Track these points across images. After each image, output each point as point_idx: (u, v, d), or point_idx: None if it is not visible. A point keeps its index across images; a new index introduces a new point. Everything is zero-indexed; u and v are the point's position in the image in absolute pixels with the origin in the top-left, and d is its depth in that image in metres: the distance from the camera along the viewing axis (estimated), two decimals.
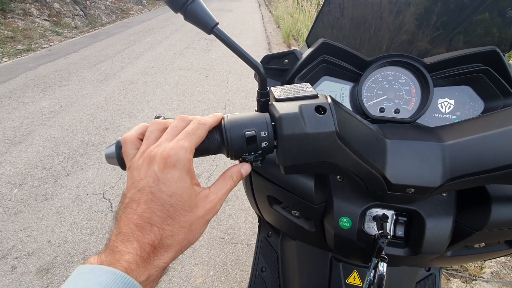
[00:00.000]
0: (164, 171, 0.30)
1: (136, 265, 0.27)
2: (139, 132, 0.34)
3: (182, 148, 0.30)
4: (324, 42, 0.52)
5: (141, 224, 0.29)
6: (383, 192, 0.38)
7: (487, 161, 0.33)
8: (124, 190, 0.32)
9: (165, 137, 0.32)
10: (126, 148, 0.34)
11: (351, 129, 0.34)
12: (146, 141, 0.33)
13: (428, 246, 0.43)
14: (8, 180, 2.16)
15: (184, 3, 0.33)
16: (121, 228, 0.29)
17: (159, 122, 0.34)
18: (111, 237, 0.29)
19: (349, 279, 0.56)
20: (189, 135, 0.31)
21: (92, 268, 0.26)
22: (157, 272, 0.29)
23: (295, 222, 0.54)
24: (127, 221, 0.29)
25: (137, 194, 0.30)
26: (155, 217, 0.29)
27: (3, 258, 1.60)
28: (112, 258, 0.27)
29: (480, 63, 0.48)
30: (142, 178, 0.30)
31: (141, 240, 0.28)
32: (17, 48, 5.35)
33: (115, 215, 0.31)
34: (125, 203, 0.30)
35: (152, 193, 0.29)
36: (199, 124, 0.32)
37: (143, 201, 0.29)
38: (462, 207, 0.43)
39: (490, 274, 1.48)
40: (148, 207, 0.29)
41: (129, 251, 0.27)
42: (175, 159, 0.30)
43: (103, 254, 0.28)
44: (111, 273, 0.25)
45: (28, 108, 3.22)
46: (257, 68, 0.36)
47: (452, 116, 0.52)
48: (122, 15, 9.18)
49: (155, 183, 0.29)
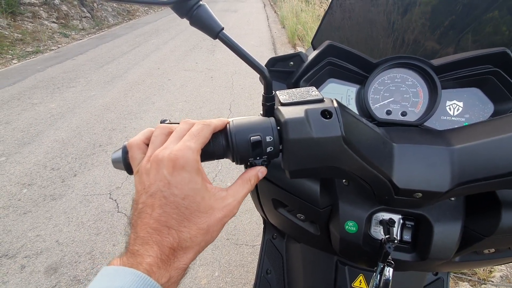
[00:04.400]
0: (173, 174, 0.29)
1: (157, 267, 0.27)
2: (145, 137, 0.35)
3: (189, 149, 0.30)
4: (330, 44, 0.51)
5: (158, 228, 0.29)
6: (390, 196, 0.38)
7: (497, 166, 0.32)
8: (134, 195, 0.32)
9: (171, 140, 0.32)
10: (132, 152, 0.34)
11: (358, 133, 0.33)
12: (152, 145, 0.33)
13: (435, 251, 0.42)
14: (18, 180, 2.20)
15: (190, 8, 0.32)
16: (139, 233, 0.29)
17: (164, 127, 0.35)
18: (129, 241, 0.29)
19: (355, 283, 0.55)
20: (194, 136, 0.32)
21: (116, 269, 0.27)
22: (177, 273, 0.29)
23: (300, 225, 0.54)
24: (143, 226, 0.29)
25: (149, 199, 0.30)
26: (171, 220, 0.29)
27: (12, 257, 1.63)
28: (134, 261, 0.27)
29: (489, 64, 0.47)
30: (152, 183, 0.30)
31: (160, 243, 0.28)
32: (26, 50, 5.44)
33: (128, 221, 0.31)
34: (138, 209, 0.30)
35: (165, 197, 0.29)
36: (204, 125, 0.33)
37: (157, 205, 0.29)
38: (470, 212, 0.42)
39: (500, 278, 1.45)
40: (164, 211, 0.29)
41: (150, 254, 0.27)
42: (183, 161, 0.30)
43: (124, 257, 0.28)
44: (135, 275, 0.26)
45: (37, 109, 3.28)
46: (263, 72, 0.36)
47: (461, 118, 0.51)
48: (128, 16, 9.27)
49: (166, 187, 0.29)
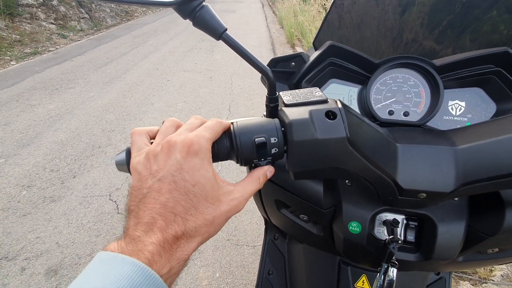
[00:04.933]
0: (187, 159, 0.29)
1: (159, 256, 0.26)
2: (150, 129, 0.35)
3: (203, 137, 0.30)
4: (331, 44, 0.51)
5: (164, 213, 0.28)
6: (394, 197, 0.38)
7: (501, 166, 0.32)
8: (132, 181, 0.31)
9: (183, 129, 0.32)
10: (135, 138, 0.34)
11: (362, 134, 0.33)
12: (161, 134, 0.33)
13: (440, 251, 0.42)
14: (17, 182, 2.20)
15: (193, 9, 0.32)
16: (141, 218, 0.28)
17: (174, 120, 0.35)
18: (128, 226, 0.28)
19: (358, 283, 0.55)
20: (208, 128, 0.32)
21: (114, 256, 0.25)
22: (178, 264, 0.28)
23: (303, 226, 0.54)
24: (148, 211, 0.28)
25: (157, 184, 0.28)
26: (179, 206, 0.28)
27: (13, 259, 1.62)
28: (134, 247, 0.26)
29: (491, 64, 0.47)
30: (161, 168, 0.29)
31: (164, 230, 0.27)
32: (24, 51, 5.43)
33: (126, 207, 0.30)
34: (142, 194, 0.29)
35: (175, 182, 0.28)
36: (217, 122, 0.33)
37: (166, 190, 0.28)
38: (474, 212, 0.42)
39: (501, 277, 1.45)
40: (172, 196, 0.28)
41: (152, 241, 0.26)
42: (197, 147, 0.29)
43: (123, 242, 0.27)
44: (133, 265, 0.24)
45: (35, 111, 3.27)
46: (266, 73, 0.36)
47: (463, 118, 0.51)
48: (126, 17, 9.25)
49: (178, 171, 0.29)
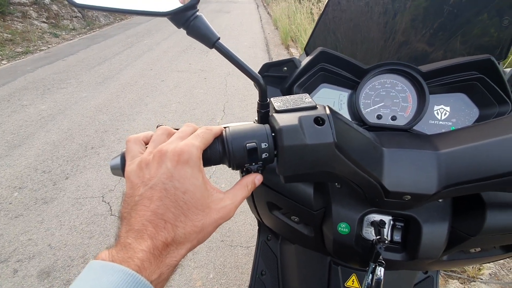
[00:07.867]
0: (177, 167, 0.30)
1: (148, 263, 0.27)
2: (144, 136, 0.36)
3: (193, 146, 0.31)
4: (322, 50, 0.53)
5: (154, 220, 0.28)
6: (380, 199, 0.39)
7: (482, 169, 0.34)
8: (126, 189, 0.32)
9: (175, 138, 0.33)
10: (130, 145, 0.34)
11: (349, 139, 0.34)
12: (153, 143, 0.34)
13: (424, 251, 0.43)
14: (8, 183, 2.16)
15: (187, 19, 0.33)
16: (133, 225, 0.28)
17: (166, 128, 0.36)
18: (119, 234, 0.29)
19: (348, 283, 0.57)
20: (198, 136, 0.33)
21: (104, 265, 0.26)
22: (168, 270, 0.29)
23: (294, 227, 0.55)
24: (139, 218, 0.28)
25: (148, 191, 0.30)
26: (168, 213, 0.29)
27: (5, 262, 1.60)
28: (124, 255, 0.27)
29: (475, 71, 0.49)
30: (153, 176, 0.30)
31: (154, 237, 0.28)
32: (15, 50, 5.34)
33: (119, 214, 0.31)
34: (134, 201, 0.30)
35: (166, 189, 0.29)
36: (207, 130, 0.34)
37: (156, 197, 0.29)
38: (457, 213, 0.44)
39: (489, 275, 1.49)
40: (163, 204, 0.29)
41: (142, 248, 0.27)
42: (187, 156, 0.30)
43: (114, 250, 0.27)
44: (123, 272, 0.25)
45: (27, 111, 3.22)
46: (258, 80, 0.37)
47: (448, 122, 0.53)
48: (120, 16, 9.17)
49: (169, 179, 0.30)
